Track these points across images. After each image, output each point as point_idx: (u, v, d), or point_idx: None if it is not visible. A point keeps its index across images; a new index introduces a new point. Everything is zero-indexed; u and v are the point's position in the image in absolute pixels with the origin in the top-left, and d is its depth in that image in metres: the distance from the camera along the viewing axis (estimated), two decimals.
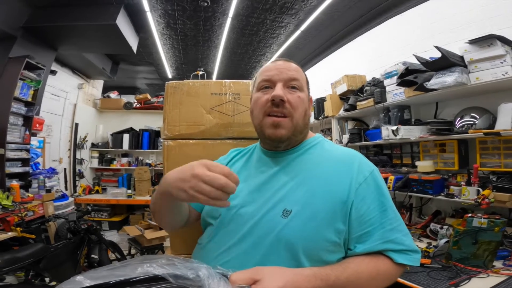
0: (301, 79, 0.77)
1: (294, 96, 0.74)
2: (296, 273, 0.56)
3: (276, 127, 0.73)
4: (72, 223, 2.50)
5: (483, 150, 1.82)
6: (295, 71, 0.77)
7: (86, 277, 0.49)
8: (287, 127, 0.73)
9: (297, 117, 0.74)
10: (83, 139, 4.72)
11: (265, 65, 0.82)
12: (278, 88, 0.73)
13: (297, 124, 0.75)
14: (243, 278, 0.51)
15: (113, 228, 4.31)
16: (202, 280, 0.47)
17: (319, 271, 0.59)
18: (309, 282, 0.56)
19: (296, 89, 0.75)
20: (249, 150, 0.90)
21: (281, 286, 0.52)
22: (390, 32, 3.01)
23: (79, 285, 0.47)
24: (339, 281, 0.59)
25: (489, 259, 1.43)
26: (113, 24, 3.06)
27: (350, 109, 2.76)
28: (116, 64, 5.22)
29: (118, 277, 0.48)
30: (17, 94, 2.86)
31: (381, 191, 0.69)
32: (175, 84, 1.15)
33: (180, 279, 0.47)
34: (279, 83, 0.74)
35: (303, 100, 0.76)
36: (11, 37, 2.95)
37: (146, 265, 0.49)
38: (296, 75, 0.76)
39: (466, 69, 1.72)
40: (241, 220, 0.71)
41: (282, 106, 0.73)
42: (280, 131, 0.73)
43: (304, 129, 0.78)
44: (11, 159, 2.87)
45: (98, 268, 0.54)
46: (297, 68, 0.79)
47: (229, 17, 3.54)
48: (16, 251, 1.90)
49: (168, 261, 0.51)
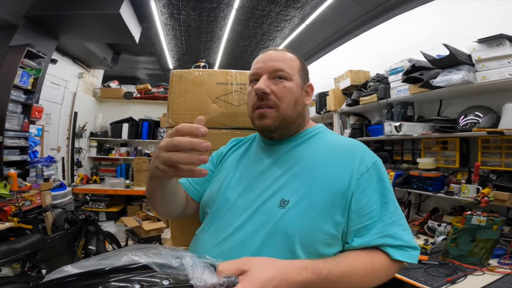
0: (288, 68, 0.74)
1: (279, 87, 0.73)
2: (286, 265, 0.54)
3: (262, 117, 0.74)
4: (70, 214, 2.46)
5: (485, 148, 1.82)
6: (281, 61, 0.74)
7: (75, 267, 0.49)
8: (272, 117, 0.73)
9: (284, 107, 0.73)
10: (82, 128, 4.69)
11: (257, 57, 0.81)
12: (260, 81, 0.73)
13: (285, 114, 0.73)
14: (230, 268, 0.49)
15: (111, 219, 4.29)
16: (185, 268, 0.46)
17: (311, 263, 0.57)
18: (299, 274, 0.53)
19: (283, 79, 0.74)
20: (249, 139, 0.89)
21: (269, 277, 0.50)
22: (396, 29, 2.99)
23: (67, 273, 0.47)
24: (331, 275, 0.57)
25: (485, 257, 1.45)
26: (117, 14, 3.03)
27: (353, 104, 2.75)
28: (117, 53, 5.18)
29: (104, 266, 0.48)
30: (17, 82, 2.83)
31: (383, 183, 0.67)
32: (180, 73, 1.14)
33: (164, 267, 0.46)
34: (264, 75, 0.74)
35: (291, 89, 0.74)
36: (12, 26, 2.92)
37: (131, 253, 0.49)
38: (281, 65, 0.74)
39: (473, 67, 1.71)
40: (237, 210, 0.70)
41: (266, 98, 0.72)
42: (265, 121, 0.73)
43: (297, 119, 0.77)
44: (9, 147, 2.85)
45: (89, 258, 0.54)
46: (284, 57, 0.76)
47: (234, 9, 3.50)
48: (12, 242, 1.86)
49: (155, 250, 0.51)
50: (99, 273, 0.47)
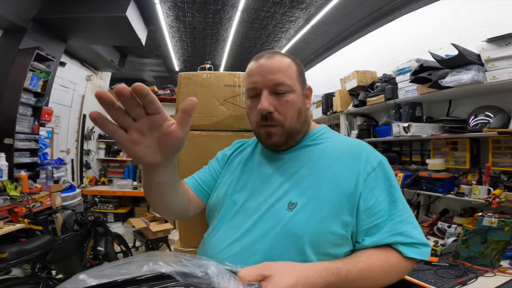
0: (288, 79, 0.71)
1: (282, 102, 0.71)
2: (306, 268, 0.55)
3: (269, 136, 0.73)
4: (79, 215, 2.48)
5: (496, 149, 1.79)
6: (280, 72, 0.70)
7: (89, 275, 0.46)
8: (279, 134, 0.72)
9: (289, 122, 0.72)
10: (90, 130, 4.76)
11: (249, 66, 0.75)
12: (263, 99, 0.70)
13: (291, 128, 0.72)
14: (252, 275, 0.48)
15: (118, 220, 4.34)
16: (211, 277, 0.45)
17: (330, 265, 0.57)
18: (320, 277, 0.54)
19: (285, 93, 0.71)
20: (254, 141, 0.89)
21: (292, 282, 0.50)
22: (403, 29, 2.97)
23: (83, 284, 0.45)
24: (351, 275, 0.58)
25: (497, 259, 1.43)
26: (123, 16, 3.06)
27: (360, 105, 2.74)
28: (124, 56, 5.24)
29: (123, 276, 0.46)
30: (26, 85, 2.87)
31: (390, 182, 0.68)
32: (188, 75, 1.15)
33: (188, 277, 0.45)
34: (264, 91, 0.70)
35: (293, 102, 0.72)
36: (21, 29, 2.97)
37: (151, 263, 0.47)
38: (281, 78, 0.70)
39: (482, 67, 1.69)
40: (246, 213, 0.70)
41: (271, 118, 0.71)
42: (273, 139, 0.73)
43: (302, 128, 0.76)
44: (20, 149, 2.89)
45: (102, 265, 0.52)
46: (281, 66, 0.71)
47: (238, 10, 3.52)
48: (23, 243, 1.88)
49: (175, 258, 0.49)
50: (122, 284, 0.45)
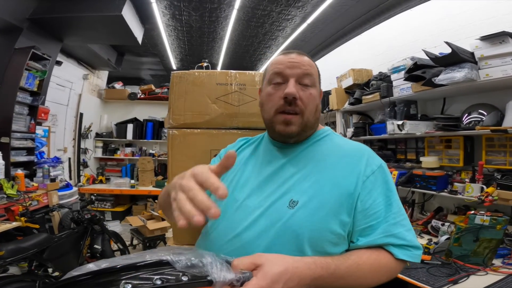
0: (314, 74, 0.75)
1: (306, 93, 0.73)
2: (296, 260, 0.57)
3: (287, 124, 0.73)
4: (76, 213, 2.50)
5: (489, 147, 1.80)
6: (309, 66, 0.75)
7: (97, 265, 0.51)
8: (297, 123, 0.73)
9: (308, 114, 0.73)
10: (87, 129, 4.75)
11: (277, 56, 0.79)
12: (291, 85, 0.71)
13: (308, 121, 0.74)
14: (245, 263, 0.52)
15: (116, 219, 4.34)
16: (205, 265, 0.48)
17: (320, 259, 0.60)
18: (309, 268, 0.57)
19: (309, 86, 0.74)
20: (256, 139, 0.89)
21: (282, 271, 0.52)
22: (398, 27, 2.96)
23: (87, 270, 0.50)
24: (339, 270, 0.60)
25: (489, 257, 1.43)
26: (119, 15, 3.05)
27: (356, 102, 2.74)
28: (121, 55, 5.22)
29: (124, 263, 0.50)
30: (22, 84, 2.87)
31: (388, 185, 0.70)
32: (180, 74, 1.15)
33: (184, 265, 0.49)
34: (291, 78, 0.72)
35: (315, 97, 0.75)
36: (17, 29, 2.96)
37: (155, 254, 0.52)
38: (310, 70, 0.74)
39: (476, 65, 1.69)
40: (246, 210, 0.71)
41: (295, 103, 0.71)
42: (290, 128, 0.73)
43: (314, 124, 0.78)
44: (16, 148, 2.90)
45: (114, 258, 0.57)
46: (310, 62, 0.76)
47: (235, 9, 3.51)
48: (20, 241, 1.89)
49: (178, 251, 0.54)
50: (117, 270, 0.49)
